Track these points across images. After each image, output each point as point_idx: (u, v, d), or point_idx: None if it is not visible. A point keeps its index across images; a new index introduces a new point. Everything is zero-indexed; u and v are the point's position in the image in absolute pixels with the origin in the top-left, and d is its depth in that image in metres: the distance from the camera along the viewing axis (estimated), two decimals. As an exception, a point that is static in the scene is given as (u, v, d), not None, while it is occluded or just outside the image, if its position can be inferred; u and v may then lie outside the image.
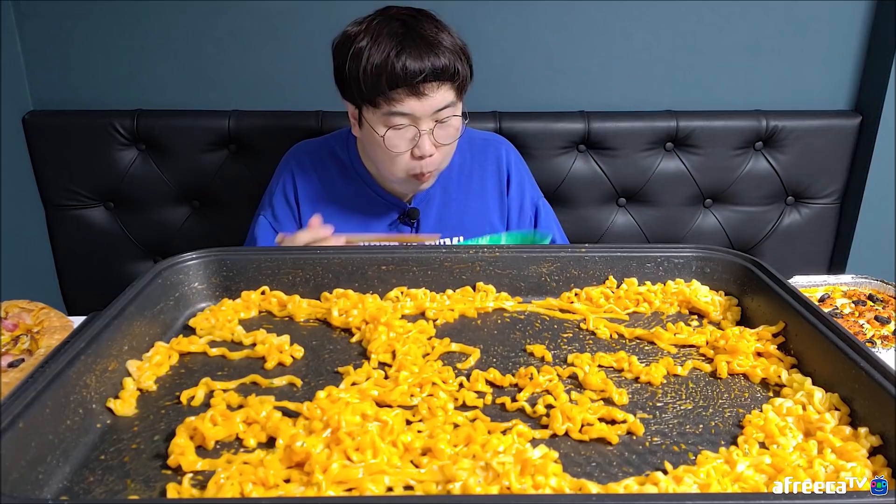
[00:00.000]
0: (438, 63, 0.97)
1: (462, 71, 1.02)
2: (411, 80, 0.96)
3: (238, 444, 0.50)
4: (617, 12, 1.49)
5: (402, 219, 1.15)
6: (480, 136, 1.23)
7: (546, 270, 0.74)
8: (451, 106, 1.02)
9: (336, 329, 0.67)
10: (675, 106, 1.55)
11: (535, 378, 0.57)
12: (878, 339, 0.85)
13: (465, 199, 1.18)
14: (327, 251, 0.74)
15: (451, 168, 1.16)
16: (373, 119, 1.02)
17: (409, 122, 1.00)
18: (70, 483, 0.46)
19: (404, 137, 1.01)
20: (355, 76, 0.99)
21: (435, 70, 0.97)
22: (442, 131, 1.03)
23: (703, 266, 0.74)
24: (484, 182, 1.20)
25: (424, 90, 0.98)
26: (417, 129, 1.00)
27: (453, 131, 1.04)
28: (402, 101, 0.98)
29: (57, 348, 0.52)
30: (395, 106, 0.98)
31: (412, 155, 1.03)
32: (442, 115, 1.01)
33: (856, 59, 1.54)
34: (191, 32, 1.47)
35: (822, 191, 1.59)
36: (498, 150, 1.21)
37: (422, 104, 0.99)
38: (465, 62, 1.03)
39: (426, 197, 1.16)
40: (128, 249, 1.56)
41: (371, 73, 0.97)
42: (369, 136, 1.04)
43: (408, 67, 0.95)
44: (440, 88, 0.99)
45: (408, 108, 0.99)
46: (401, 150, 1.02)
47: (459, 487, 0.44)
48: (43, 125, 1.45)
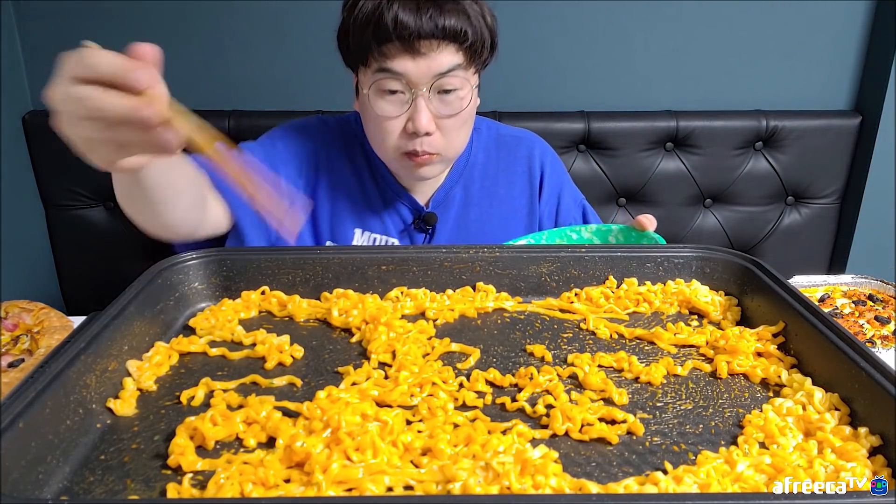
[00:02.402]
0: (441, 20, 0.82)
1: (473, 34, 0.86)
2: (402, 34, 0.81)
3: (238, 444, 0.50)
4: (617, 12, 1.49)
5: (416, 223, 1.01)
6: (511, 133, 1.08)
7: (546, 270, 0.74)
8: (456, 71, 0.86)
9: (336, 329, 0.67)
10: (675, 106, 1.55)
11: (535, 378, 0.57)
12: (878, 339, 0.85)
13: (489, 204, 1.03)
14: (327, 251, 0.74)
15: (473, 167, 1.03)
16: (364, 80, 0.88)
17: (402, 86, 0.85)
18: (70, 483, 0.46)
19: (396, 102, 0.86)
20: (346, 29, 0.87)
21: (436, 26, 0.82)
22: (444, 104, 0.87)
23: (703, 266, 0.74)
24: (512, 186, 1.05)
25: (421, 48, 0.83)
26: (412, 96, 0.85)
27: (459, 104, 0.88)
28: (392, 57, 0.83)
29: (57, 348, 0.52)
30: (386, 62, 0.84)
31: (405, 130, 0.88)
32: (445, 82, 0.86)
33: (856, 59, 1.54)
34: (191, 32, 1.47)
35: (822, 191, 1.59)
36: (530, 149, 1.06)
37: (416, 64, 0.84)
38: (484, 27, 0.88)
39: (445, 200, 1.01)
40: (128, 249, 1.56)
41: (361, 23, 0.84)
42: (363, 105, 0.90)
43: (399, 18, 0.81)
44: (442, 49, 0.84)
45: (400, 66, 0.84)
46: (390, 116, 0.87)
47: (459, 487, 0.44)
48: (43, 125, 1.45)
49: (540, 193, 1.06)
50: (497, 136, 1.05)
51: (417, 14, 0.82)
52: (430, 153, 0.89)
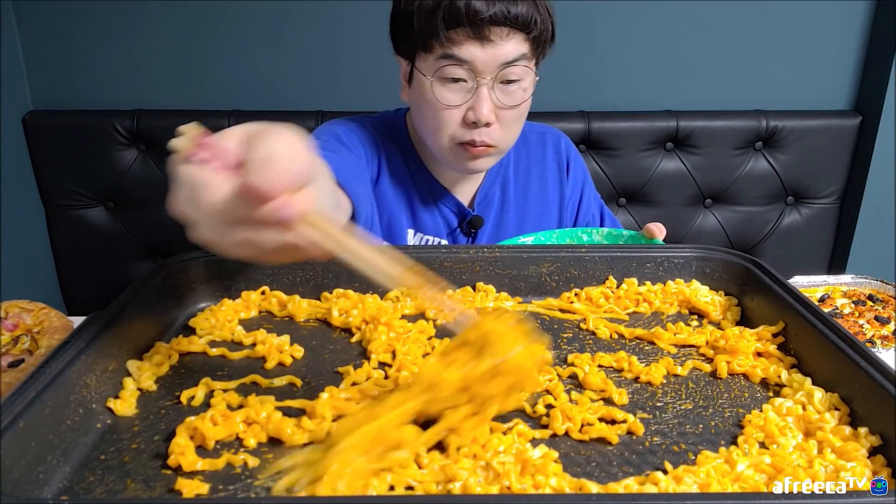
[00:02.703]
0: (514, 8, 0.81)
1: (542, 23, 0.84)
2: (474, 19, 0.80)
3: (238, 443, 0.50)
4: (617, 12, 1.49)
5: (462, 226, 0.99)
6: (535, 129, 1.07)
7: (546, 270, 0.74)
8: (521, 61, 0.84)
9: (336, 329, 0.67)
10: (675, 106, 1.55)
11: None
12: (878, 339, 0.85)
13: (525, 201, 1.03)
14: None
15: (507, 165, 1.02)
16: (424, 67, 0.85)
17: (466, 73, 0.84)
18: (70, 483, 0.46)
19: (458, 91, 0.85)
20: (409, 13, 0.84)
21: (508, 14, 0.80)
22: (506, 95, 0.86)
23: (703, 266, 0.74)
24: (544, 182, 1.04)
25: (491, 35, 0.81)
26: (476, 84, 0.84)
27: (521, 94, 0.87)
28: (460, 43, 0.82)
29: (57, 348, 0.52)
30: (452, 49, 0.82)
31: (465, 120, 0.86)
32: (510, 71, 0.84)
33: (856, 59, 1.54)
34: (191, 32, 1.47)
35: (822, 191, 1.59)
36: (557, 143, 1.07)
37: (485, 52, 0.82)
38: (549, 18, 0.86)
39: (486, 199, 1.00)
40: (128, 249, 1.56)
41: (427, 7, 0.81)
42: (417, 92, 0.88)
43: (472, 4, 0.79)
44: (511, 37, 0.83)
45: (467, 53, 0.82)
46: (451, 105, 0.85)
47: (460, 487, 0.44)
48: (43, 125, 1.45)
49: (567, 174, 1.06)
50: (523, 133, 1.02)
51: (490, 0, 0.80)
52: (489, 145, 0.88)
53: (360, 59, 1.49)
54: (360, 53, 1.49)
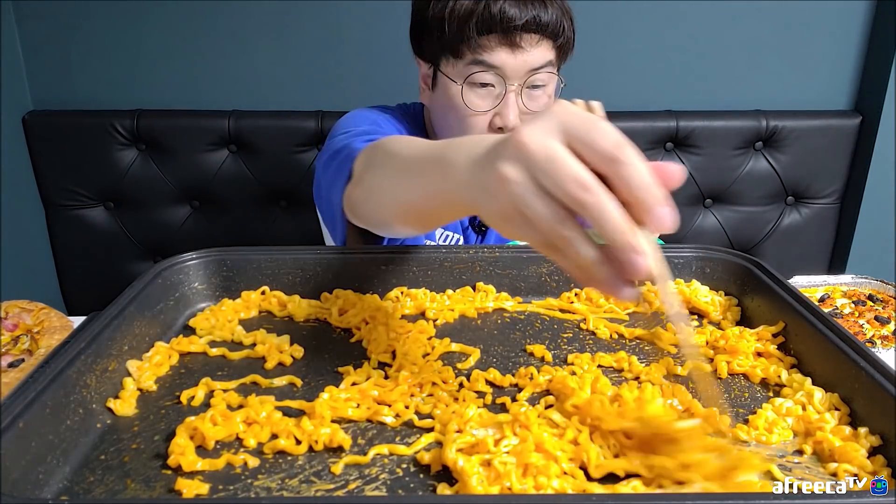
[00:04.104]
0: (545, 15, 0.82)
1: (568, 31, 0.87)
2: (507, 26, 0.81)
3: (238, 443, 0.50)
4: (617, 12, 1.49)
5: (472, 224, 0.99)
6: None
7: (546, 270, 0.74)
8: (548, 68, 0.86)
9: (336, 329, 0.67)
10: (675, 106, 1.55)
11: (535, 378, 0.57)
12: (878, 339, 0.85)
13: None
14: (327, 251, 0.74)
15: None
16: (452, 72, 0.85)
17: (494, 79, 0.84)
18: (70, 483, 0.46)
19: (486, 97, 0.85)
20: (439, 17, 0.83)
21: (539, 21, 0.82)
22: (532, 100, 0.87)
23: (703, 266, 0.74)
24: None
25: (521, 42, 0.82)
26: (504, 90, 0.84)
27: (546, 100, 0.88)
28: (491, 50, 0.82)
29: (57, 348, 0.52)
30: (482, 54, 0.83)
31: (491, 125, 0.86)
32: (537, 77, 0.85)
33: (856, 59, 1.54)
34: (191, 32, 1.47)
35: (822, 191, 1.59)
36: None
37: (515, 58, 0.83)
38: (572, 25, 0.89)
39: None
40: (128, 249, 1.56)
41: (459, 13, 0.82)
42: (443, 96, 0.88)
43: (505, 11, 0.80)
44: (540, 45, 0.84)
45: (497, 59, 0.83)
46: (479, 111, 0.85)
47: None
48: (43, 125, 1.45)
49: None
50: None
51: (523, 7, 0.81)
52: None
53: (360, 59, 1.49)
54: (360, 53, 1.49)
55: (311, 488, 0.45)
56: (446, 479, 0.45)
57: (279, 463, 0.48)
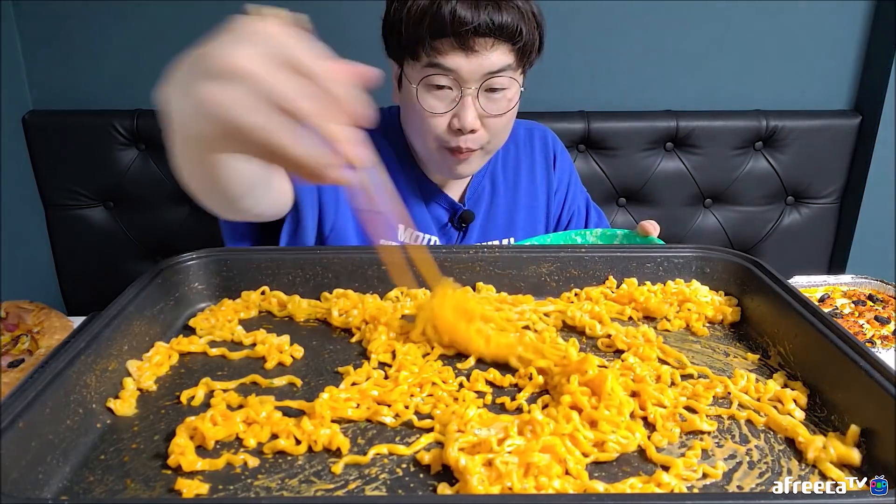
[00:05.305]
0: (498, 17, 0.81)
1: (527, 34, 0.85)
2: (458, 30, 0.80)
3: (238, 443, 0.50)
4: (617, 12, 1.49)
5: (453, 221, 1.00)
6: (522, 126, 1.08)
7: (546, 270, 0.74)
8: (506, 72, 0.85)
9: (336, 329, 0.67)
10: (675, 106, 1.55)
11: (535, 378, 0.57)
12: (878, 339, 0.85)
13: (514, 195, 1.05)
14: (327, 251, 0.74)
15: (495, 160, 1.03)
16: (411, 74, 0.86)
17: (451, 82, 0.85)
18: (70, 483, 0.46)
19: (443, 99, 0.86)
20: (398, 18, 0.84)
21: (492, 24, 0.81)
22: (491, 103, 0.86)
23: (703, 266, 0.74)
24: (533, 175, 1.06)
25: (475, 45, 0.82)
26: (461, 92, 0.85)
27: (506, 104, 0.88)
28: (445, 53, 0.82)
29: (57, 348, 0.52)
30: (437, 57, 0.83)
31: (450, 126, 0.87)
32: (494, 81, 0.85)
33: (856, 59, 1.54)
34: (191, 32, 1.47)
35: (822, 191, 1.59)
36: (544, 138, 1.09)
37: (469, 62, 0.83)
38: (535, 28, 0.87)
39: (476, 194, 1.02)
40: (128, 249, 1.56)
41: (414, 15, 0.82)
42: (406, 97, 0.89)
43: (457, 13, 0.80)
44: (496, 48, 0.83)
45: (452, 62, 0.83)
46: (436, 112, 0.86)
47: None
48: (43, 125, 1.45)
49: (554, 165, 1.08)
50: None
51: (476, 10, 0.80)
52: (473, 149, 0.89)
53: (358, 59, 1.49)
54: (359, 53, 1.48)
55: (311, 488, 0.45)
56: (446, 479, 0.45)
57: (279, 463, 0.48)
